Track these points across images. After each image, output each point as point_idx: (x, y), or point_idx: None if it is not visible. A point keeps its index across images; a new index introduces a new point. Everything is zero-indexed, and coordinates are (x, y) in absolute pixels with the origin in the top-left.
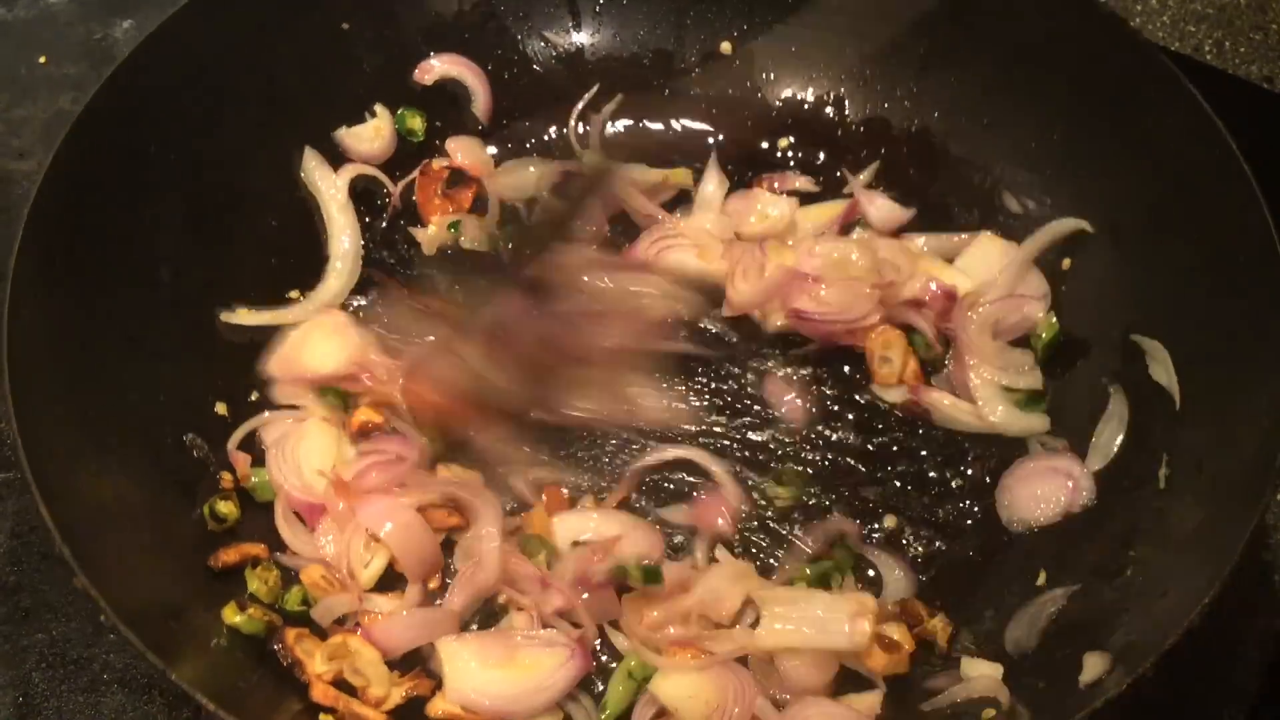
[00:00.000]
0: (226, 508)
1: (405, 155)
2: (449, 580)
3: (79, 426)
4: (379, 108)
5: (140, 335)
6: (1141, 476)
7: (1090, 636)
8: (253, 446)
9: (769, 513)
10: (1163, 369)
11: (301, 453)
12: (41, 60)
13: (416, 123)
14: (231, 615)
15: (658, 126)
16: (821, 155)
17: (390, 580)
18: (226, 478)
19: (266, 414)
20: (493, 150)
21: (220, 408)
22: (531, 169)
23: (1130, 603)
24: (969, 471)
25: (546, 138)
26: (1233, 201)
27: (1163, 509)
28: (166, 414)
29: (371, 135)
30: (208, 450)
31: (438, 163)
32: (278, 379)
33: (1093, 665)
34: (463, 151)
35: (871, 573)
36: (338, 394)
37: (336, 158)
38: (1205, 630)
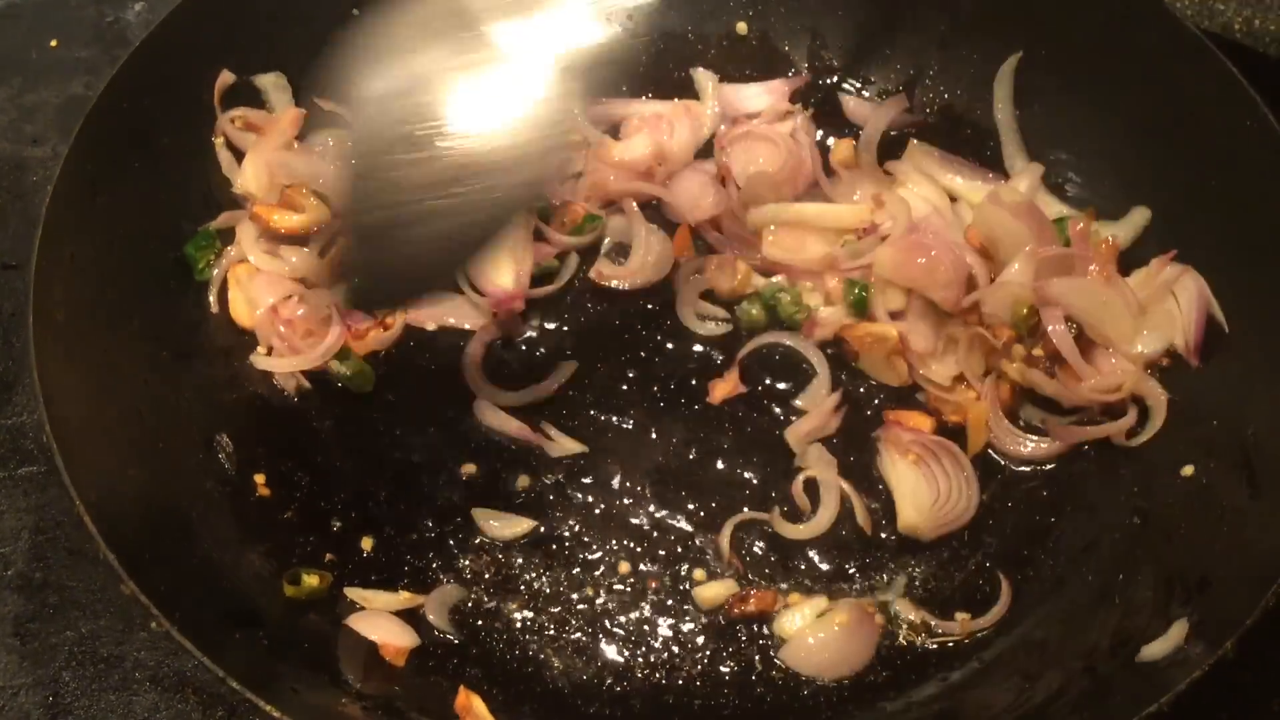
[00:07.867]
0: (311, 579)
1: None
2: None
3: (108, 421)
4: None
5: (164, 330)
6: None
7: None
8: None
9: None
10: None
11: None
12: (53, 44)
13: None
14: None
15: None
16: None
17: None
18: (259, 479)
19: None
20: None
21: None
22: None
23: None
24: None
25: None
26: (1272, 177)
27: (1210, 487)
28: (194, 412)
29: None
30: (233, 451)
31: None
32: None
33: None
34: None
35: None
36: None
37: None
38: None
